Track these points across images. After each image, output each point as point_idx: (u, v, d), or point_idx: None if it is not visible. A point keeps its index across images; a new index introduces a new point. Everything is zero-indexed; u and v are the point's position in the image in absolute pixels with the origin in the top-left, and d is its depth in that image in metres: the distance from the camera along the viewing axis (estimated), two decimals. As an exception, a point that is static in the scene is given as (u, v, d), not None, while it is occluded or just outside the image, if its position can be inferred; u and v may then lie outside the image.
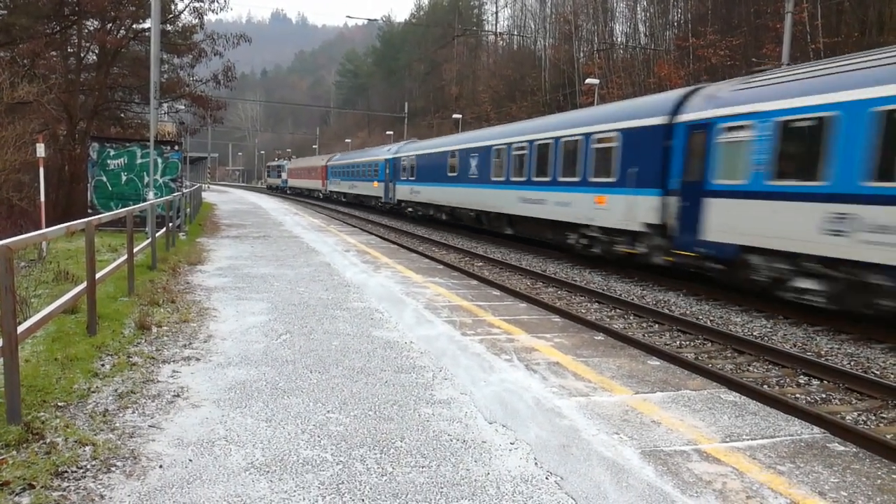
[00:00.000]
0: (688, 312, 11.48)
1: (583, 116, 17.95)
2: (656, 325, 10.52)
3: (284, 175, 73.97)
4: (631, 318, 11.07)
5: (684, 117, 13.00)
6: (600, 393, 5.42)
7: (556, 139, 17.77)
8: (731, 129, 11.72)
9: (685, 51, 43.25)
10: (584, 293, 12.98)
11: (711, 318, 11.13)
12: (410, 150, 32.95)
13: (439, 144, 29.14)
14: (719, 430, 4.70)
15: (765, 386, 7.60)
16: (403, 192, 32.82)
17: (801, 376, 8.02)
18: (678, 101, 13.50)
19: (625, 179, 14.56)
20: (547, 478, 3.86)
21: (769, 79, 11.72)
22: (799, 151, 10.48)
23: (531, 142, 19.25)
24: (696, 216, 12.33)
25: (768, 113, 10.94)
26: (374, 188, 38.41)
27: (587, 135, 16.24)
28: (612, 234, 15.22)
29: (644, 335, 9.82)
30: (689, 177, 12.73)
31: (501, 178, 21.24)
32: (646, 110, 14.45)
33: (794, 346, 9.42)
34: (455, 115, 53.26)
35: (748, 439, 4.56)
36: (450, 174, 26.10)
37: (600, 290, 13.09)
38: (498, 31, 72.12)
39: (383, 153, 37.32)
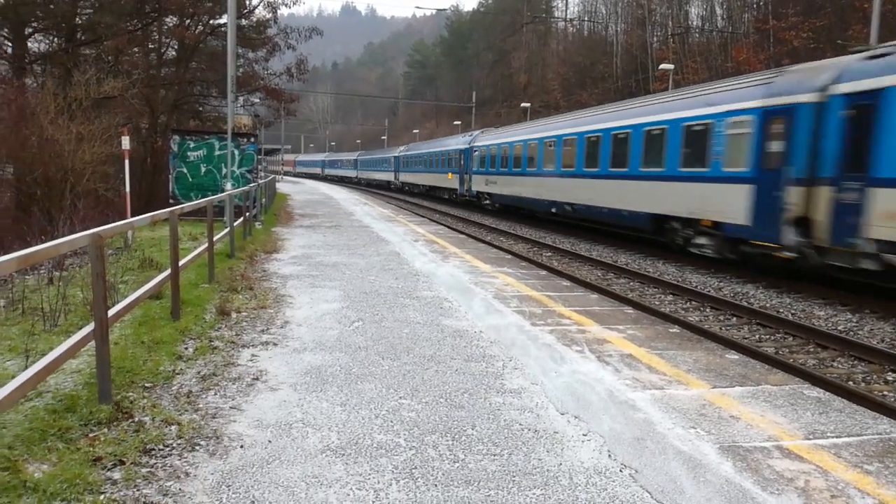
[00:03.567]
0: (767, 305, 11.07)
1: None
2: (734, 319, 10.18)
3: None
4: (707, 310, 10.75)
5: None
6: (676, 386, 5.29)
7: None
8: None
9: (765, 34, 41.53)
10: (658, 284, 12.68)
11: (793, 311, 10.70)
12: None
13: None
14: (802, 426, 4.53)
15: (850, 382, 7.26)
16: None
17: (889, 373, 7.61)
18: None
19: None
20: (621, 470, 3.81)
21: None
22: None
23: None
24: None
25: None
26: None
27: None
28: None
29: (721, 328, 9.52)
30: None
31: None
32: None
33: (882, 341, 8.96)
34: (524, 104, 52.78)
35: (833, 437, 4.37)
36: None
37: (675, 282, 12.77)
38: (568, 17, 70.99)
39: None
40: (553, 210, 23.02)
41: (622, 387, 5.23)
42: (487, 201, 30.97)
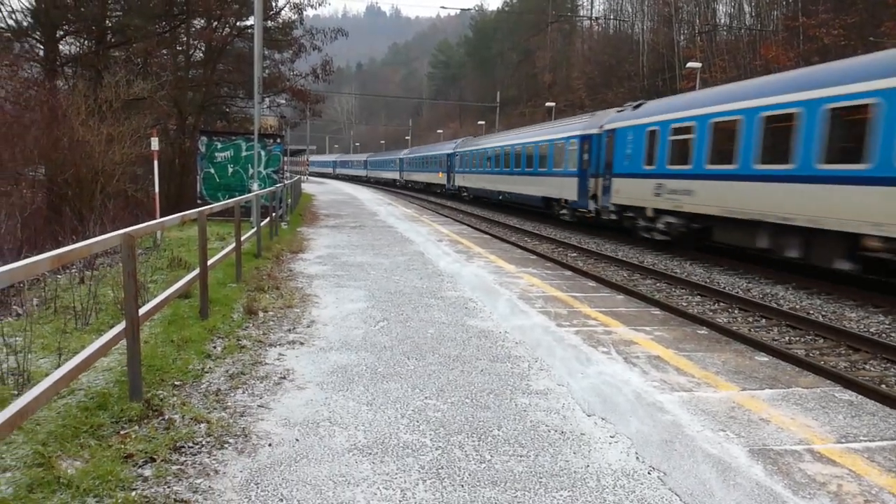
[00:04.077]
0: (797, 307, 10.90)
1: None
2: (763, 320, 10.04)
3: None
4: (736, 311, 10.61)
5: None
6: (704, 388, 5.23)
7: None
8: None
9: (794, 31, 40.91)
10: (685, 285, 12.55)
11: (823, 312, 10.52)
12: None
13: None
14: (834, 430, 4.45)
15: (883, 385, 7.12)
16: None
17: (926, 377, 7.46)
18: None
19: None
20: (649, 473, 3.77)
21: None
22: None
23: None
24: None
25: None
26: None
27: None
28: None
29: (750, 330, 9.40)
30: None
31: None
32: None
33: (918, 344, 8.77)
34: (548, 104, 52.53)
35: (866, 440, 4.29)
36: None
37: (702, 283, 12.63)
38: (593, 15, 70.50)
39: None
40: (500, 198, 32.55)
41: (650, 388, 5.18)
42: (465, 193, 40.27)
